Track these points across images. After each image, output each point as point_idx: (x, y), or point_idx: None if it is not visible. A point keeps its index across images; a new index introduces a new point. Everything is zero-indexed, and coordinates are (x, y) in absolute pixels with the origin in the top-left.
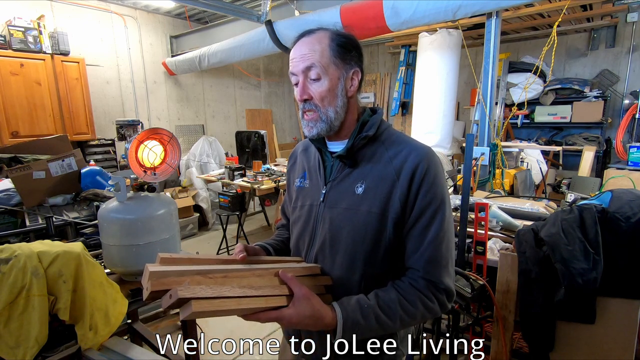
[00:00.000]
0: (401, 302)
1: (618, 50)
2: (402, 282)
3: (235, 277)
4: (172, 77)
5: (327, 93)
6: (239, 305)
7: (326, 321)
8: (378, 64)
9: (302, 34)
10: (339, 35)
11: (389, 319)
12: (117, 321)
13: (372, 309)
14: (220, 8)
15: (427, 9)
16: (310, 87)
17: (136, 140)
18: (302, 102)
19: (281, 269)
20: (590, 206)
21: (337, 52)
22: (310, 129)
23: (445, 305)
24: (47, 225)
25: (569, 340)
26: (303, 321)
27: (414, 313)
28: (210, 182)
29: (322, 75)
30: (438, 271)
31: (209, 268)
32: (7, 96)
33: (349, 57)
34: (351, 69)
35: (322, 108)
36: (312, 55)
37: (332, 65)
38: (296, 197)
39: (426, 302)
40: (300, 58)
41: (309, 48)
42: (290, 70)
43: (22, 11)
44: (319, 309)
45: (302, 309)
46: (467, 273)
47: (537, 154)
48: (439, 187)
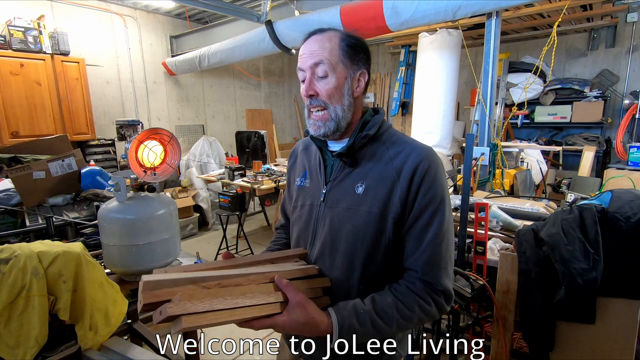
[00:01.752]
0: (398, 307)
1: (618, 50)
2: (400, 286)
3: (229, 286)
4: (172, 77)
5: (333, 91)
6: (231, 317)
7: (321, 328)
8: (378, 64)
9: (313, 32)
10: (349, 37)
11: (385, 324)
12: (117, 321)
13: (369, 314)
14: (220, 8)
15: (427, 9)
16: (317, 84)
17: (136, 140)
18: (308, 97)
19: (278, 271)
20: (590, 206)
21: (346, 52)
22: (318, 128)
23: (443, 308)
24: (47, 225)
25: (569, 340)
26: (297, 328)
27: (410, 317)
28: (210, 182)
29: (330, 72)
30: (436, 272)
31: (203, 275)
32: (7, 96)
33: (357, 58)
34: (359, 70)
35: (331, 105)
36: (322, 52)
37: (340, 64)
38: (296, 196)
39: (423, 306)
40: (310, 54)
41: (319, 45)
42: (299, 66)
43: (22, 11)
44: (313, 317)
45: (296, 317)
46: (467, 273)
47: (537, 154)
48: (439, 187)
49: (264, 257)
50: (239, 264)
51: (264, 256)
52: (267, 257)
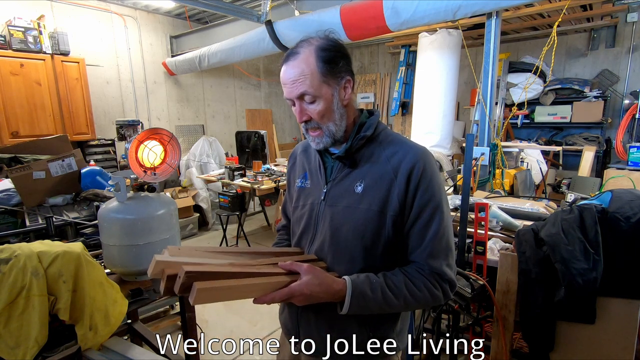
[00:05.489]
0: (407, 284)
1: (618, 50)
2: (410, 268)
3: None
4: (172, 77)
5: (325, 112)
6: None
7: (336, 287)
8: (378, 64)
9: (287, 55)
10: (324, 50)
11: (395, 297)
12: (117, 321)
13: (380, 284)
14: (220, 8)
15: (427, 9)
16: (308, 109)
17: (136, 140)
18: (303, 122)
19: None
20: (590, 206)
21: (326, 70)
22: (317, 144)
23: (448, 295)
24: (47, 225)
25: (569, 340)
26: (314, 290)
27: (418, 296)
28: (210, 182)
29: (317, 97)
30: (440, 264)
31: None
32: (7, 96)
33: (338, 69)
34: (342, 80)
35: (324, 125)
36: (303, 80)
37: (323, 85)
38: (297, 197)
39: (431, 289)
40: (292, 85)
41: (298, 72)
42: (285, 96)
43: (22, 11)
44: (326, 276)
45: (310, 280)
46: (467, 273)
47: (537, 154)
48: (436, 186)
49: (267, 249)
50: (245, 252)
51: (266, 249)
52: (269, 250)
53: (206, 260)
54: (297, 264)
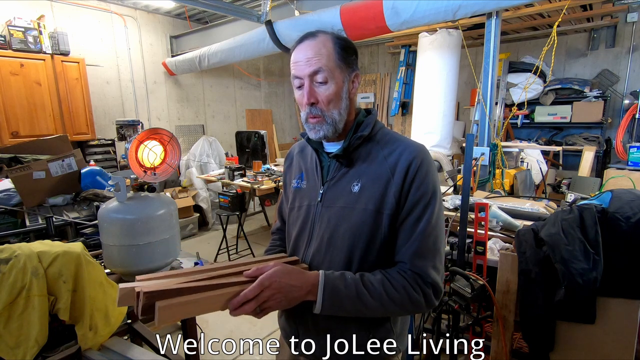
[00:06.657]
0: (384, 284)
1: (618, 50)
2: (391, 269)
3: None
4: (172, 77)
5: (333, 96)
6: (206, 295)
7: (308, 278)
8: (378, 64)
9: (303, 37)
10: (340, 39)
11: (370, 295)
12: (117, 321)
13: (355, 281)
14: (220, 8)
15: (427, 9)
16: (317, 91)
17: (136, 140)
18: (309, 105)
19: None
20: (590, 206)
21: (341, 56)
22: (317, 132)
23: (431, 300)
24: (47, 225)
25: (569, 340)
26: (283, 280)
27: (395, 297)
28: (210, 182)
29: (329, 79)
30: (424, 264)
31: (176, 280)
32: (7, 96)
33: (350, 60)
34: (353, 72)
35: (327, 112)
36: (319, 59)
37: (337, 69)
38: (293, 198)
39: (410, 291)
40: (306, 61)
41: (315, 51)
42: (295, 74)
43: (22, 11)
44: (294, 268)
45: (278, 269)
46: (467, 273)
47: (537, 154)
48: (431, 183)
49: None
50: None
51: (248, 260)
52: (250, 260)
53: (171, 280)
54: (262, 267)
